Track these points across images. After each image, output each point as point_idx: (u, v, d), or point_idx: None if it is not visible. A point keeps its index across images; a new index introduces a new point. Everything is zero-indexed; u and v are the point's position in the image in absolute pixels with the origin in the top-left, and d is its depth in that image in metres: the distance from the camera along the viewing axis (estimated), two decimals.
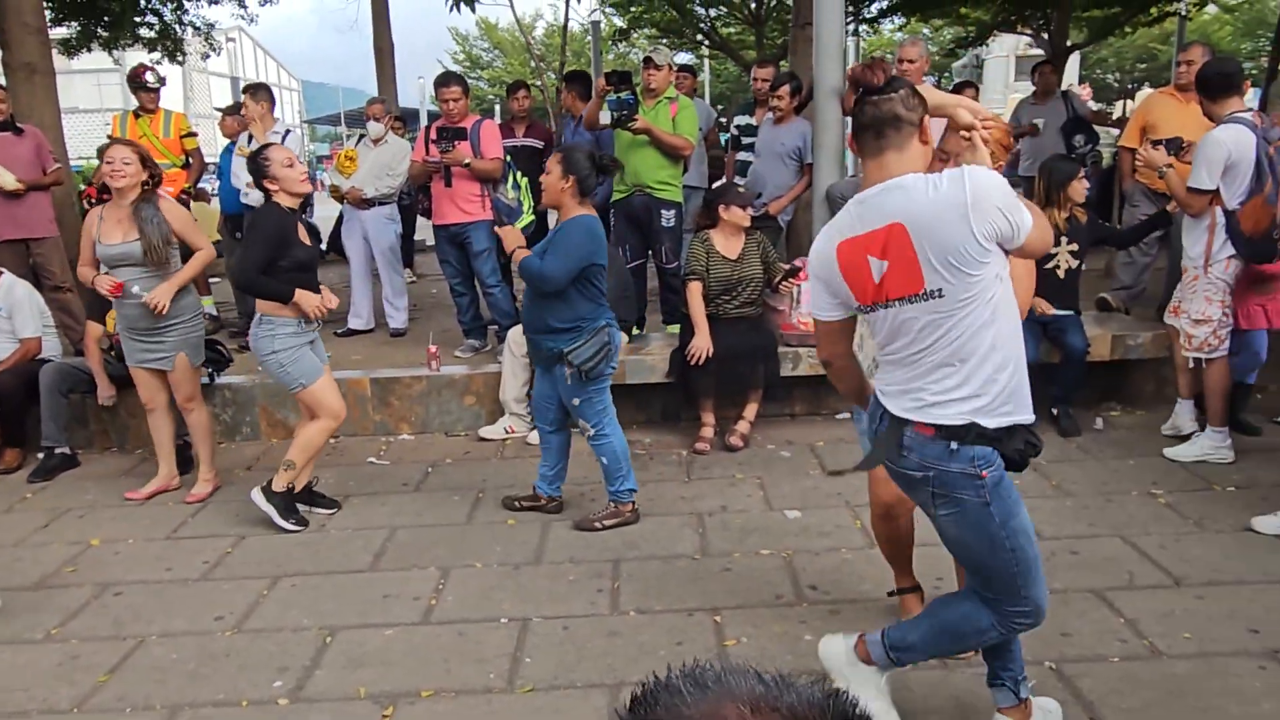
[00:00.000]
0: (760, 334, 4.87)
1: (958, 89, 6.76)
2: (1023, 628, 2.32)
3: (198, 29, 12.94)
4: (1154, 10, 12.66)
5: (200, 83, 34.75)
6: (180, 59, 12.78)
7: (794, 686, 0.67)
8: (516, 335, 4.96)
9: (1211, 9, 20.56)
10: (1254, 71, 21.42)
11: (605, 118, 5.29)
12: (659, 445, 4.98)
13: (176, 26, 12.29)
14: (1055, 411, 4.88)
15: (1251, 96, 12.11)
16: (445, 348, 5.62)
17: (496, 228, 4.02)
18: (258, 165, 3.91)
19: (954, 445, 2.10)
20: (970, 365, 2.07)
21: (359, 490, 4.48)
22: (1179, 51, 5.83)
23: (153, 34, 12.07)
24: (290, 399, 5.25)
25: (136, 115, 6.38)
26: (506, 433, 5.09)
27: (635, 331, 5.52)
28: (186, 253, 4.33)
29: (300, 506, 4.10)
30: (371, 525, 4.06)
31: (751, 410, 4.87)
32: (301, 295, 3.88)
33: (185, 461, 4.71)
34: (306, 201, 6.42)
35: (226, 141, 7.03)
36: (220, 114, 7.30)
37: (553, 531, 3.91)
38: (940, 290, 2.03)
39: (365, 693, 2.81)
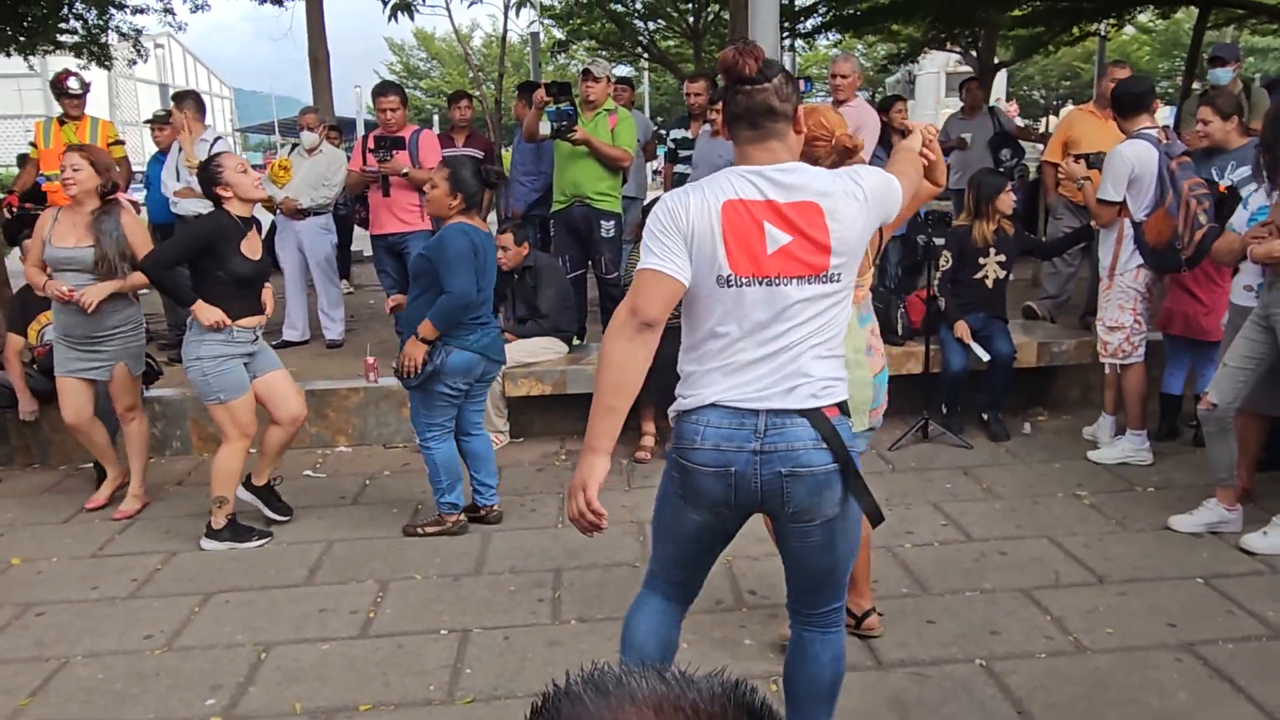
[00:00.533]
0: None
1: (889, 103, 6.92)
2: None
3: (124, 35, 12.60)
4: (1076, 30, 13.13)
5: (127, 89, 33.83)
6: (107, 64, 12.43)
7: (695, 683, 0.67)
8: None
9: (1130, 30, 21.41)
10: (1169, 90, 22.33)
11: (545, 128, 5.30)
12: None
13: (101, 33, 11.94)
14: (985, 417, 5.02)
15: (1167, 114, 12.66)
16: (383, 359, 5.55)
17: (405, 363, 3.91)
18: (210, 172, 3.78)
19: (849, 421, 2.08)
20: (838, 351, 2.05)
21: (294, 503, 4.38)
22: (1107, 68, 6.06)
23: (77, 39, 11.72)
24: None
25: (61, 122, 6.19)
26: None
27: (576, 342, 5.53)
28: None
29: (247, 495, 4.08)
30: (307, 539, 3.99)
31: None
32: (201, 307, 3.71)
33: (104, 477, 4.57)
34: None
35: (155, 150, 6.86)
36: (151, 125, 7.11)
37: (493, 542, 3.89)
38: (839, 275, 1.98)
39: (301, 708, 2.76)
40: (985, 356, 4.87)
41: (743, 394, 1.98)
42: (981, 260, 4.97)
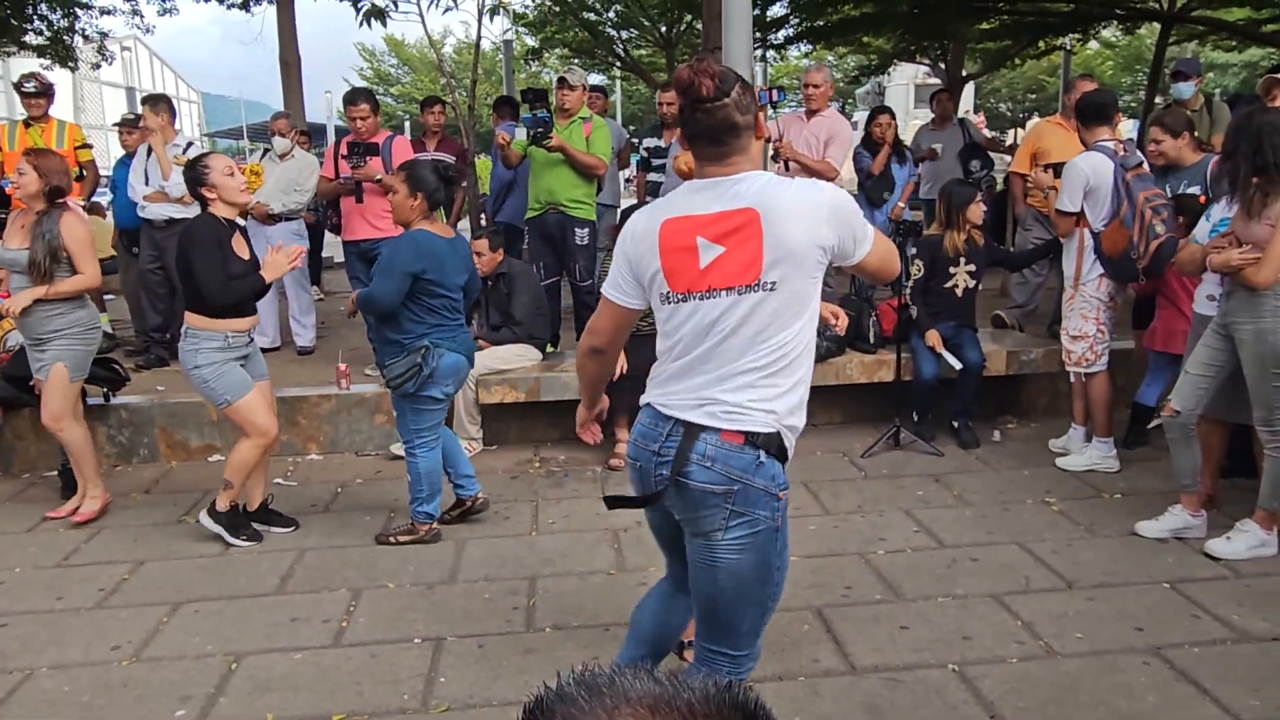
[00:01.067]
0: None
1: (875, 114, 6.96)
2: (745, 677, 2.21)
3: (89, 37, 12.44)
4: (1042, 44, 13.37)
5: (92, 92, 33.35)
6: (72, 65, 12.26)
7: (689, 684, 0.67)
8: None
9: (1094, 45, 21.80)
10: (1133, 104, 22.72)
11: (521, 135, 5.30)
12: (574, 462, 4.98)
13: (67, 36, 11.78)
14: (956, 424, 5.08)
15: (1131, 128, 12.90)
16: (355, 366, 5.52)
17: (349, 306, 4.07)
18: (196, 172, 3.77)
19: (761, 457, 1.97)
20: (782, 373, 1.98)
21: None
22: (1075, 81, 6.17)
23: (41, 40, 11.55)
24: (191, 419, 5.09)
25: (26, 125, 6.09)
26: None
27: (550, 349, 5.53)
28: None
29: (257, 525, 4.06)
30: (278, 547, 3.95)
31: None
32: (270, 272, 3.85)
33: (68, 485, 4.50)
34: None
35: (122, 154, 6.77)
36: (120, 128, 7.02)
37: (467, 550, 3.87)
38: (774, 285, 1.93)
39: (273, 718, 2.73)
40: (956, 365, 4.93)
41: (665, 400, 2.06)
42: (952, 270, 5.03)
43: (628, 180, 11.34)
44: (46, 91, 6.06)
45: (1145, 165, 4.35)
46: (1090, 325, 4.51)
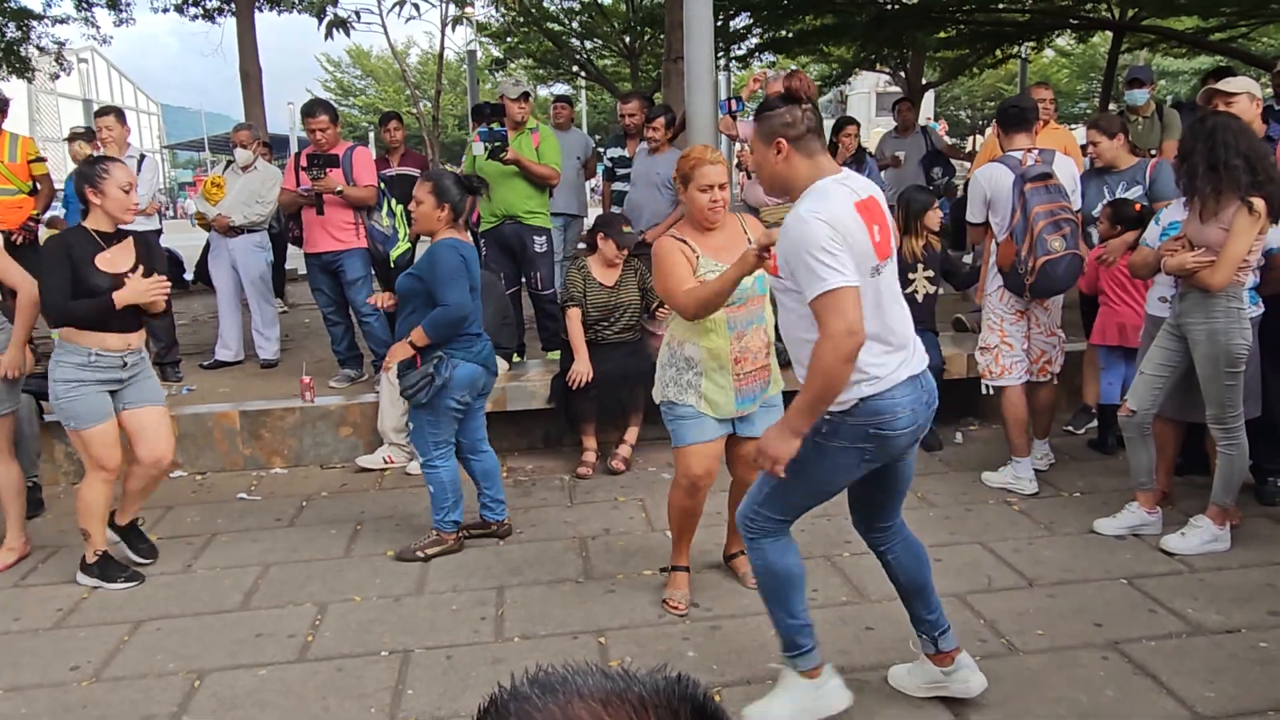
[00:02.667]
0: (640, 358, 4.94)
1: (841, 125, 7.01)
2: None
3: (44, 50, 12.26)
4: (999, 52, 13.61)
5: (49, 104, 32.83)
6: (27, 77, 12.07)
7: (639, 678, 0.68)
8: None
9: (1049, 53, 22.21)
10: (1088, 111, 23.14)
11: (479, 149, 5.32)
12: (541, 471, 4.98)
13: (20, 45, 11.60)
14: None
15: (1085, 135, 13.11)
16: (319, 378, 5.48)
17: (386, 361, 3.97)
18: (92, 172, 3.53)
19: None
20: None
21: (228, 527, 4.31)
22: (1030, 89, 6.28)
23: None
24: None
25: None
26: (385, 462, 5.00)
27: (515, 359, 5.52)
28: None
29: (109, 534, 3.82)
30: (242, 563, 3.91)
31: (632, 434, 4.93)
32: (122, 295, 3.48)
33: (35, 503, 4.41)
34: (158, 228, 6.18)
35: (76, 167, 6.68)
36: (71, 141, 6.92)
37: (434, 561, 3.85)
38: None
39: None
40: None
41: (916, 364, 2.48)
42: (910, 275, 5.09)
43: (593, 190, 11.38)
44: (2, 105, 5.95)
45: (1055, 177, 4.20)
46: (994, 337, 4.43)
